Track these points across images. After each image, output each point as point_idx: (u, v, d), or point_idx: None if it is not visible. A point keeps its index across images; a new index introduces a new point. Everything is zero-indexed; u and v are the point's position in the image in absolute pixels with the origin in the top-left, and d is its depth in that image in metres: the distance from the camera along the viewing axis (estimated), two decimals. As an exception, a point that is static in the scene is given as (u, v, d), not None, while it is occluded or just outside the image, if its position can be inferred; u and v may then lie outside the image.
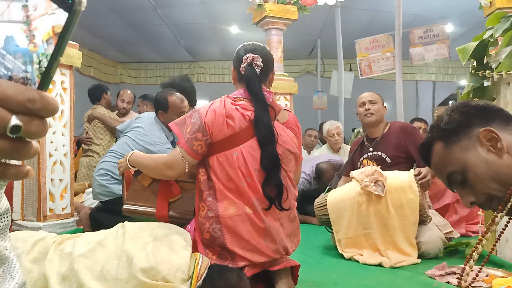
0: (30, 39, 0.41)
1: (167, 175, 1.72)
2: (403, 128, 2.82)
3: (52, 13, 0.41)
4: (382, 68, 5.53)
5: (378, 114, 2.83)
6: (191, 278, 1.33)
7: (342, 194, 2.53)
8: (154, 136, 2.75)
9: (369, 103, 2.85)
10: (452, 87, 10.35)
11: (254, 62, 1.68)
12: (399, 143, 2.75)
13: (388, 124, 2.89)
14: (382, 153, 2.78)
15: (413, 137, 2.74)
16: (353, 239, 2.44)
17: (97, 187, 2.77)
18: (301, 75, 9.65)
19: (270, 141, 1.61)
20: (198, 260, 1.39)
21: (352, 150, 3.05)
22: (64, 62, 2.70)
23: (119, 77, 9.79)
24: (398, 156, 2.72)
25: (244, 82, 1.70)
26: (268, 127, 1.62)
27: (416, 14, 6.40)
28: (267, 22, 4.10)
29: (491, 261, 2.18)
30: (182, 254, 1.36)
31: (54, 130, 2.71)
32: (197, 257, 1.40)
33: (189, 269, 1.34)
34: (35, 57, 0.41)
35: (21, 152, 0.41)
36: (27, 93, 0.39)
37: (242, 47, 1.76)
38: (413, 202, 2.36)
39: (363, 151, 2.91)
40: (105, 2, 5.97)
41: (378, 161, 2.75)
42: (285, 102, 4.13)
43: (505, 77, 2.14)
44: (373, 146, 2.84)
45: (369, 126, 2.88)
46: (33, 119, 0.40)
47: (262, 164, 1.60)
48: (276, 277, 1.69)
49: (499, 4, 3.76)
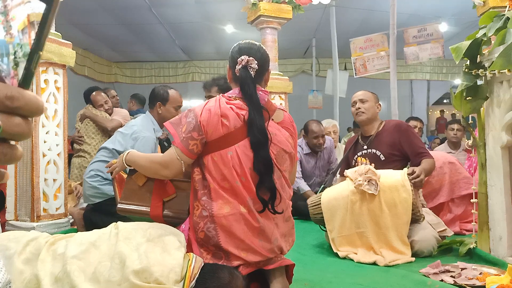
0: (7, 30, 0.40)
1: (163, 175, 1.71)
2: (398, 126, 2.83)
3: (28, 1, 0.39)
4: (377, 67, 5.55)
5: (369, 113, 2.85)
6: (184, 279, 1.33)
7: (336, 193, 2.53)
8: (144, 130, 2.71)
9: (360, 102, 2.87)
10: (446, 86, 10.41)
11: (249, 64, 1.68)
12: (393, 141, 2.76)
13: (382, 122, 2.90)
14: (376, 150, 2.79)
15: (407, 135, 2.75)
16: (347, 237, 2.45)
17: (88, 189, 2.73)
18: (296, 74, 9.67)
19: (263, 144, 1.61)
20: (191, 261, 1.38)
21: (347, 148, 3.06)
22: (57, 61, 2.69)
23: (114, 77, 9.76)
24: (392, 154, 2.74)
25: (239, 84, 1.69)
26: (262, 130, 1.61)
27: (410, 14, 6.43)
28: (262, 21, 4.10)
29: (485, 259, 2.20)
30: (175, 255, 1.36)
31: (47, 130, 2.69)
32: (191, 258, 1.40)
33: (182, 270, 1.34)
34: (10, 48, 0.40)
35: (6, 156, 0.39)
36: (5, 90, 0.38)
37: (237, 46, 1.75)
38: (406, 201, 2.37)
39: (358, 149, 2.92)
40: (100, 1, 5.95)
41: (372, 159, 2.76)
42: (280, 101, 4.13)
43: (498, 76, 2.15)
44: (367, 144, 2.85)
45: (361, 124, 2.91)
46: (13, 118, 0.38)
47: (255, 167, 1.60)
48: (271, 276, 1.69)
49: (492, 3, 3.79)
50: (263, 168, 1.59)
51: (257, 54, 1.71)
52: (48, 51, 2.60)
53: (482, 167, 2.35)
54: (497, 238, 2.24)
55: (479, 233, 2.36)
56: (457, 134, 4.32)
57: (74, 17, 6.19)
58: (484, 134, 2.34)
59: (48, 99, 2.68)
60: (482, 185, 2.35)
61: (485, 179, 2.33)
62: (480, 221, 2.35)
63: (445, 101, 12.77)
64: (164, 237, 1.40)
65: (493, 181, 2.27)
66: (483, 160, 2.34)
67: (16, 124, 0.38)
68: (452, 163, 3.26)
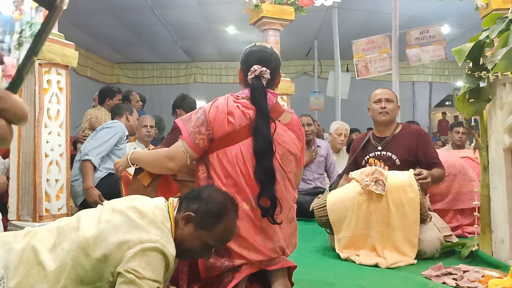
0: (17, 5, 0.38)
1: (168, 167, 1.71)
2: (417, 131, 2.75)
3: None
4: (379, 69, 5.55)
5: (393, 114, 2.76)
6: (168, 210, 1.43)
7: (342, 195, 2.52)
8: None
9: (386, 101, 2.76)
10: (448, 88, 10.39)
11: (262, 75, 1.69)
12: (410, 147, 2.68)
13: (399, 125, 2.81)
14: (392, 154, 2.70)
15: (425, 143, 2.70)
16: (352, 238, 2.43)
17: (73, 193, 2.95)
18: (298, 76, 9.67)
19: (267, 154, 1.61)
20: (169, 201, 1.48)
21: (355, 146, 2.94)
22: (60, 62, 2.69)
23: (116, 77, 9.77)
24: (407, 159, 2.66)
25: (250, 91, 1.70)
26: (267, 140, 1.61)
27: (412, 15, 6.42)
28: (264, 23, 4.10)
29: (487, 262, 2.19)
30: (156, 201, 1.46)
31: (50, 130, 2.69)
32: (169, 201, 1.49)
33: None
34: (17, 26, 0.38)
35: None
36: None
37: (250, 52, 1.75)
38: (413, 201, 2.35)
39: (369, 149, 2.81)
40: (102, 2, 5.96)
41: (387, 162, 2.64)
42: (282, 102, 4.13)
43: (501, 78, 2.14)
44: (382, 146, 2.75)
45: (381, 124, 2.79)
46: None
47: (255, 176, 1.59)
48: (273, 277, 1.69)
49: (495, 5, 3.78)
50: (265, 178, 1.59)
51: (271, 63, 1.72)
52: (51, 52, 2.61)
53: (485, 169, 2.34)
54: (499, 241, 2.23)
55: (481, 236, 2.36)
56: (462, 138, 4.31)
57: (76, 18, 6.21)
58: (487, 136, 2.34)
59: (50, 100, 2.68)
60: (484, 187, 2.35)
61: (487, 181, 2.32)
62: (483, 224, 2.35)
63: (447, 103, 12.76)
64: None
65: (496, 183, 2.26)
66: (486, 162, 2.33)
67: (0, 125, 0.37)
68: (466, 174, 3.19)
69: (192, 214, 1.40)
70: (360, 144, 2.88)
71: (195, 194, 1.46)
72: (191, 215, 1.40)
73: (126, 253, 1.24)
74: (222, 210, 1.42)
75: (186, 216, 1.39)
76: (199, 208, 1.41)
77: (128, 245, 1.25)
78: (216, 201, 1.43)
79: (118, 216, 1.33)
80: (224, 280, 1.61)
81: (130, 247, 1.25)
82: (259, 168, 1.59)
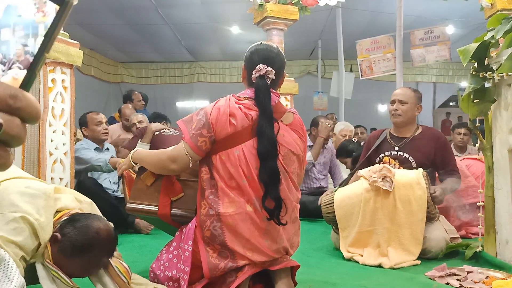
0: (39, 7, 0.37)
1: (170, 169, 1.72)
2: (437, 137, 2.72)
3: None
4: (383, 69, 5.53)
5: (406, 116, 2.71)
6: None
7: (349, 192, 2.52)
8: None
9: (398, 103, 2.73)
10: (452, 88, 10.36)
11: (267, 74, 1.68)
12: (429, 151, 2.66)
13: (419, 127, 2.77)
14: (409, 155, 2.66)
15: (444, 149, 2.68)
16: (358, 235, 2.43)
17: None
18: (302, 76, 9.65)
19: (272, 155, 1.60)
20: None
21: (370, 143, 2.88)
22: (65, 61, 2.70)
23: (120, 77, 9.79)
24: (424, 163, 2.62)
25: (254, 90, 1.69)
26: (272, 141, 1.61)
27: (417, 16, 6.40)
28: (268, 23, 4.10)
29: (491, 263, 2.18)
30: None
31: (54, 129, 2.70)
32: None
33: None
34: (41, 28, 0.37)
35: (1, 159, 0.37)
36: (9, 90, 0.36)
37: (256, 50, 1.73)
38: (421, 199, 2.35)
39: (385, 148, 2.76)
40: (106, 1, 5.98)
41: (403, 163, 2.63)
42: (286, 102, 4.13)
43: (506, 78, 2.14)
44: (399, 146, 2.72)
45: (395, 126, 2.79)
46: (14, 119, 0.37)
47: (260, 177, 1.59)
48: (276, 277, 1.70)
49: (500, 5, 3.76)
50: (269, 179, 1.59)
51: (276, 63, 1.71)
52: (55, 51, 2.62)
53: (489, 170, 2.34)
54: (503, 242, 2.22)
55: (485, 237, 2.35)
56: (464, 139, 4.29)
57: (81, 18, 6.22)
58: (491, 137, 2.33)
59: (55, 99, 2.69)
60: (489, 188, 2.34)
61: (492, 182, 2.32)
62: (487, 225, 2.34)
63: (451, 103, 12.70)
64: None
65: (500, 184, 2.25)
66: (490, 163, 2.32)
67: (16, 125, 0.37)
68: (461, 171, 3.17)
69: (59, 237, 1.37)
70: (375, 141, 2.83)
71: (77, 218, 1.42)
72: (58, 237, 1.37)
73: None
74: (86, 247, 1.38)
75: (53, 235, 1.38)
76: (68, 234, 1.38)
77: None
78: (86, 235, 1.38)
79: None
80: (227, 280, 1.62)
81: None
82: (264, 169, 1.59)
